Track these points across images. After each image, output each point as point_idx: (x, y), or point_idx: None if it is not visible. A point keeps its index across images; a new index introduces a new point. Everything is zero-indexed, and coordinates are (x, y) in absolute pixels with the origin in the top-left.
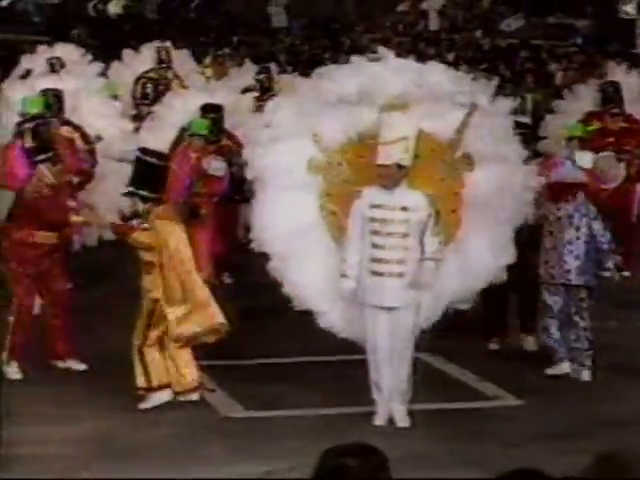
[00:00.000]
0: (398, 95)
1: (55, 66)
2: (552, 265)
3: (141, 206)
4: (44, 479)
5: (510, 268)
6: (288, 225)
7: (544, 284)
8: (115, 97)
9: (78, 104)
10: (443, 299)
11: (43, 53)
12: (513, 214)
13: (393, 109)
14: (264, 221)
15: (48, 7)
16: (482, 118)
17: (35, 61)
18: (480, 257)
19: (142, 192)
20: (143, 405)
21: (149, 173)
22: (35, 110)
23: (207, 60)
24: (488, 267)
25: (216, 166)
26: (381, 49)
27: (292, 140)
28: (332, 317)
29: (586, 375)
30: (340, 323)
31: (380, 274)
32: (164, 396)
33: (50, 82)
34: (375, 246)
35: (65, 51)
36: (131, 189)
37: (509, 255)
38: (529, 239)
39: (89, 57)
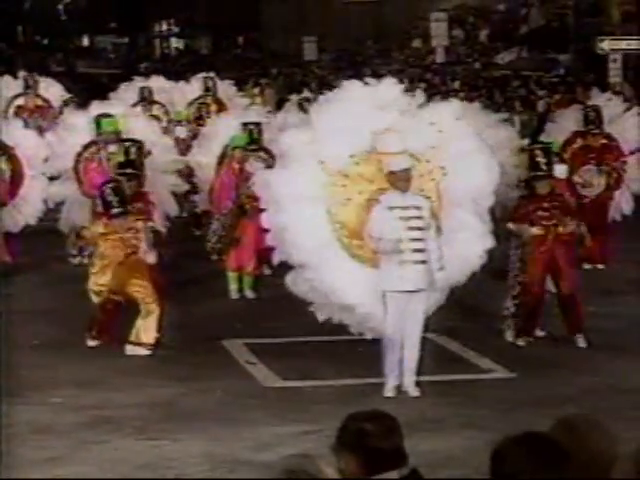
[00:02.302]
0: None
1: (145, 94)
2: None
3: None
4: (45, 479)
5: None
6: (301, 233)
7: None
8: (187, 121)
9: (129, 125)
10: (443, 285)
11: (138, 83)
12: (486, 210)
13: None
14: (281, 231)
15: (121, 45)
16: (455, 136)
17: (130, 88)
18: (466, 245)
19: None
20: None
21: None
22: (110, 129)
23: (248, 87)
24: (474, 254)
25: (256, 166)
26: (390, 80)
27: (300, 163)
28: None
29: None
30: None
31: (404, 262)
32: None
33: (103, 108)
34: (398, 241)
35: (157, 82)
36: None
37: (489, 241)
38: None
39: (171, 84)
